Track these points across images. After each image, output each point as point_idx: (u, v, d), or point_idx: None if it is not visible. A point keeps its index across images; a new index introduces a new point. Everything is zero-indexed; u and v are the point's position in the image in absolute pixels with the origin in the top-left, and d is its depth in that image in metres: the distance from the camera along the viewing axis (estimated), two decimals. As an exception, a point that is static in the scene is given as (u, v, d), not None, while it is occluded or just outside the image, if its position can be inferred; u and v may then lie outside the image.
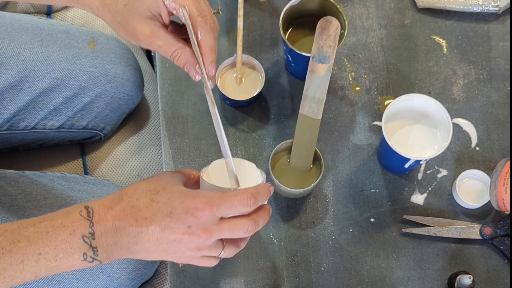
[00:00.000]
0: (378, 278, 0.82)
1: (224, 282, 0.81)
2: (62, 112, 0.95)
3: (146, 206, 0.59)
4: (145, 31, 0.66)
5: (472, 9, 0.93)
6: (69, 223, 0.58)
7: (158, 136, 1.07)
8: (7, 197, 0.87)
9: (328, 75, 0.79)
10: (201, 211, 0.59)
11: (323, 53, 0.74)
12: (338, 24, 0.78)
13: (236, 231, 0.61)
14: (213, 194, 0.61)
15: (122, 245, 0.60)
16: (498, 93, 0.91)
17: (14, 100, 0.92)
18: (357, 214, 0.85)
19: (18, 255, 0.57)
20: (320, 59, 0.75)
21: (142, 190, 0.61)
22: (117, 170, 1.03)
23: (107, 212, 0.59)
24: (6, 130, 0.93)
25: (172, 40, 0.67)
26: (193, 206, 0.59)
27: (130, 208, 0.59)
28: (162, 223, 0.59)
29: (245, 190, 0.62)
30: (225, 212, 0.60)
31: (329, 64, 0.78)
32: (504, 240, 0.81)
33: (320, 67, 0.77)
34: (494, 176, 0.77)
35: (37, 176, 0.92)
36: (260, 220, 0.63)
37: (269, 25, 0.94)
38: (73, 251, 0.58)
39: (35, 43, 0.93)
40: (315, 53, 0.76)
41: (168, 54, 0.68)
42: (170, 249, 0.61)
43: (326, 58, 0.75)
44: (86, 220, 0.59)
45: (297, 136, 0.80)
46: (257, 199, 0.62)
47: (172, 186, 0.61)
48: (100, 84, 0.96)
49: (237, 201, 0.60)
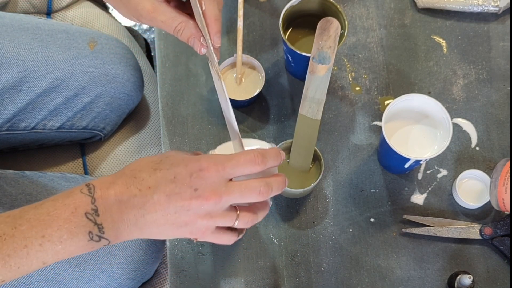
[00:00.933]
0: (378, 278, 0.82)
1: (224, 282, 0.82)
2: (62, 112, 0.95)
3: (149, 174, 0.57)
4: (147, 6, 0.65)
5: (472, 9, 0.93)
6: (70, 201, 0.57)
7: (158, 136, 1.07)
8: (7, 197, 0.87)
9: (328, 75, 0.79)
10: (206, 171, 0.57)
11: (323, 53, 0.74)
12: (338, 25, 0.78)
13: (247, 193, 0.59)
14: (218, 155, 0.59)
15: (129, 220, 0.58)
16: (498, 93, 0.91)
17: (14, 100, 0.92)
18: (357, 214, 0.85)
19: (20, 239, 0.55)
20: (320, 59, 0.75)
21: (145, 162, 0.59)
22: (117, 170, 1.02)
23: (109, 187, 0.57)
24: (6, 130, 0.93)
25: (175, 14, 0.66)
26: (197, 167, 0.57)
27: (133, 179, 0.57)
28: (167, 189, 0.57)
29: (253, 150, 0.59)
30: (232, 172, 0.58)
31: (329, 64, 0.78)
32: (504, 240, 0.81)
33: (320, 68, 0.77)
34: (494, 176, 0.77)
35: (37, 176, 0.92)
36: (274, 184, 0.60)
37: (269, 25, 0.94)
38: (77, 231, 0.56)
39: (35, 44, 0.93)
40: (315, 53, 0.76)
41: (171, 29, 0.66)
42: (180, 219, 0.58)
43: (326, 59, 0.75)
44: (88, 197, 0.57)
45: (296, 136, 0.80)
46: (266, 158, 0.59)
47: (175, 154, 0.60)
48: (100, 84, 0.96)
49: (244, 159, 0.58)
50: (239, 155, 0.59)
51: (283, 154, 0.63)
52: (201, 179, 0.57)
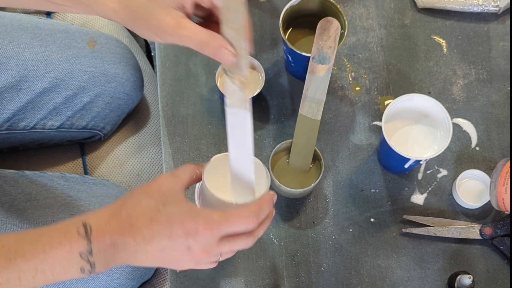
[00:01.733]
0: (378, 278, 0.82)
1: (224, 282, 0.81)
2: (61, 112, 0.95)
3: (146, 226, 0.58)
4: (171, 22, 0.64)
5: (472, 9, 0.93)
6: (67, 241, 0.58)
7: (158, 136, 1.07)
8: (6, 197, 0.87)
9: (328, 75, 0.78)
10: (201, 234, 0.58)
11: (323, 54, 0.74)
12: (338, 25, 0.78)
13: (236, 247, 0.61)
14: (214, 214, 0.59)
15: (120, 259, 0.60)
16: (498, 93, 0.91)
17: (14, 100, 0.92)
18: (357, 214, 0.84)
19: (15, 271, 0.57)
20: (320, 59, 0.75)
21: (142, 208, 0.59)
22: (117, 170, 1.03)
23: (105, 230, 0.59)
24: (5, 130, 0.93)
25: (200, 29, 0.64)
26: (193, 229, 0.58)
27: (129, 227, 0.58)
28: (161, 244, 0.58)
29: (248, 208, 0.60)
30: (226, 232, 0.60)
31: (329, 64, 0.77)
32: (504, 240, 0.81)
33: (320, 68, 0.77)
34: (494, 176, 0.77)
35: (36, 176, 0.92)
36: (260, 232, 0.63)
37: (269, 25, 0.94)
38: (70, 266, 0.58)
39: (35, 43, 0.93)
40: (315, 53, 0.76)
41: (197, 42, 0.64)
42: (169, 262, 0.61)
43: (326, 59, 0.75)
44: (84, 238, 0.58)
45: (296, 136, 0.80)
46: (260, 217, 0.61)
47: (172, 201, 0.60)
48: (99, 84, 0.96)
49: (239, 222, 0.59)
50: (235, 217, 0.59)
51: (275, 197, 0.64)
52: (195, 241, 0.59)
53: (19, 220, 0.86)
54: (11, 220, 0.86)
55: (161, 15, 0.64)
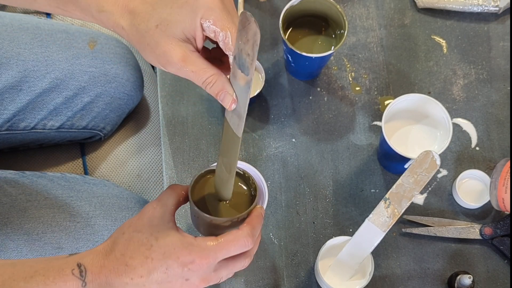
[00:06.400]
0: (378, 278, 0.82)
1: (224, 282, 0.81)
2: (62, 112, 0.95)
3: (141, 264, 0.58)
4: (178, 54, 0.60)
5: (472, 9, 0.93)
6: (61, 282, 0.57)
7: (158, 136, 1.07)
8: (7, 197, 0.87)
9: (248, 90, 0.59)
10: (198, 264, 0.58)
11: (242, 59, 0.56)
12: (257, 31, 0.54)
13: (234, 270, 0.62)
14: (209, 243, 0.59)
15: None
16: (498, 93, 0.91)
17: (14, 100, 0.92)
18: (357, 214, 0.85)
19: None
20: (240, 65, 0.57)
21: (135, 246, 0.59)
22: (117, 170, 1.03)
23: (100, 271, 0.58)
24: (6, 130, 0.93)
25: (207, 65, 0.61)
26: (189, 260, 0.58)
27: (124, 267, 0.58)
28: (159, 278, 0.58)
29: (241, 232, 0.60)
30: (223, 258, 0.59)
31: (248, 78, 0.57)
32: (504, 240, 0.81)
33: (240, 75, 0.59)
34: (494, 176, 0.77)
35: (37, 176, 0.92)
36: (255, 249, 0.63)
37: (269, 25, 0.94)
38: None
39: (35, 43, 0.93)
40: (236, 53, 0.57)
41: (201, 80, 0.61)
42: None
43: (244, 67, 0.57)
44: (79, 280, 0.58)
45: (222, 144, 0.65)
46: (254, 236, 0.61)
47: (164, 234, 0.59)
48: (100, 84, 0.96)
49: (234, 246, 0.59)
50: (230, 243, 0.59)
51: (263, 211, 0.64)
52: (192, 272, 0.58)
53: (19, 221, 0.86)
54: (12, 221, 0.86)
55: (168, 45, 0.60)
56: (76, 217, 0.88)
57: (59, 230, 0.87)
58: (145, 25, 0.61)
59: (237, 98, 0.60)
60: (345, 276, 0.75)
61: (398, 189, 0.69)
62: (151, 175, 1.04)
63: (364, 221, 0.69)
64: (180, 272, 0.58)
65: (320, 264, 0.76)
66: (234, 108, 0.60)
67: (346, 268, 0.74)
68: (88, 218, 0.89)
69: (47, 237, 0.86)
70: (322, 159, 0.87)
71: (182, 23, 0.60)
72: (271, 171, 0.87)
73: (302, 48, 0.83)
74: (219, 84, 0.60)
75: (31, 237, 0.86)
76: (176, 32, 0.60)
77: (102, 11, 0.63)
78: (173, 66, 0.61)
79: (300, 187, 0.86)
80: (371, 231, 0.70)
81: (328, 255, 0.76)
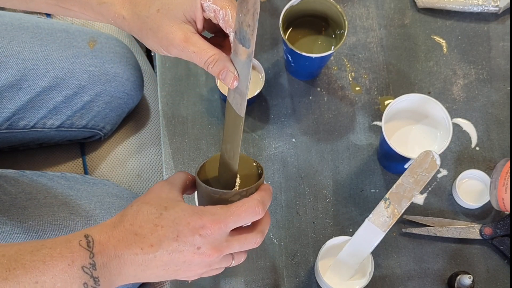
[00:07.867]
0: (378, 278, 0.82)
1: (224, 282, 0.81)
2: (61, 111, 0.95)
3: (151, 232, 0.57)
4: (180, 35, 0.62)
5: (472, 9, 0.93)
6: (68, 253, 0.56)
7: (158, 136, 1.07)
8: (7, 196, 0.87)
9: (249, 63, 0.61)
10: (209, 229, 0.57)
11: (243, 32, 0.58)
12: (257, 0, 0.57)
13: (246, 245, 0.60)
14: (219, 209, 0.58)
15: (127, 274, 0.58)
16: (498, 93, 0.91)
17: (14, 99, 0.92)
18: (357, 214, 0.85)
19: (13, 283, 0.54)
20: (241, 38, 0.59)
21: (144, 215, 0.58)
22: (117, 169, 1.03)
23: (108, 242, 0.57)
24: (5, 129, 0.93)
25: (208, 46, 0.63)
26: (199, 225, 0.57)
27: (134, 237, 0.57)
28: (170, 247, 0.57)
29: (251, 199, 0.59)
30: (234, 225, 0.59)
31: (249, 50, 0.60)
32: (504, 240, 0.81)
33: (241, 49, 0.61)
34: (494, 176, 0.77)
35: (37, 175, 0.92)
36: (266, 227, 0.62)
37: (269, 25, 0.94)
38: (72, 281, 0.56)
39: (35, 42, 0.93)
40: (236, 28, 0.59)
41: (203, 60, 0.63)
42: (180, 270, 0.59)
43: (246, 40, 0.59)
44: (86, 251, 0.56)
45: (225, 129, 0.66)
46: (265, 204, 0.60)
47: (173, 204, 0.59)
48: (99, 83, 0.96)
49: (245, 212, 0.58)
50: (240, 209, 0.58)
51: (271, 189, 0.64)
52: (203, 238, 0.57)
53: (19, 219, 0.86)
54: (11, 219, 0.86)
55: (170, 27, 0.62)
56: (75, 216, 0.88)
57: (58, 229, 0.87)
58: (147, 11, 0.63)
59: (239, 76, 0.61)
60: (345, 276, 0.75)
61: (398, 189, 0.69)
62: (151, 175, 1.04)
63: (364, 221, 0.69)
64: (192, 239, 0.57)
65: (320, 264, 0.76)
66: (236, 86, 0.61)
67: (346, 268, 0.74)
68: (87, 217, 0.89)
69: (46, 235, 0.86)
70: (322, 159, 0.87)
71: (182, 5, 0.62)
72: (271, 171, 0.87)
73: (302, 48, 0.83)
74: (220, 63, 0.62)
75: (31, 235, 0.86)
76: (177, 14, 0.62)
77: (102, 3, 0.65)
78: (175, 47, 0.63)
79: (300, 187, 0.86)
80: (371, 231, 0.70)
81: (328, 255, 0.76)
